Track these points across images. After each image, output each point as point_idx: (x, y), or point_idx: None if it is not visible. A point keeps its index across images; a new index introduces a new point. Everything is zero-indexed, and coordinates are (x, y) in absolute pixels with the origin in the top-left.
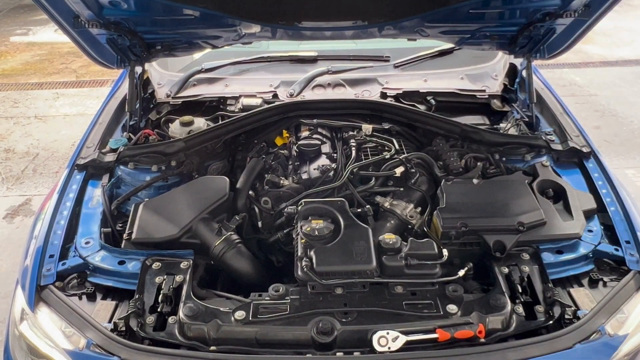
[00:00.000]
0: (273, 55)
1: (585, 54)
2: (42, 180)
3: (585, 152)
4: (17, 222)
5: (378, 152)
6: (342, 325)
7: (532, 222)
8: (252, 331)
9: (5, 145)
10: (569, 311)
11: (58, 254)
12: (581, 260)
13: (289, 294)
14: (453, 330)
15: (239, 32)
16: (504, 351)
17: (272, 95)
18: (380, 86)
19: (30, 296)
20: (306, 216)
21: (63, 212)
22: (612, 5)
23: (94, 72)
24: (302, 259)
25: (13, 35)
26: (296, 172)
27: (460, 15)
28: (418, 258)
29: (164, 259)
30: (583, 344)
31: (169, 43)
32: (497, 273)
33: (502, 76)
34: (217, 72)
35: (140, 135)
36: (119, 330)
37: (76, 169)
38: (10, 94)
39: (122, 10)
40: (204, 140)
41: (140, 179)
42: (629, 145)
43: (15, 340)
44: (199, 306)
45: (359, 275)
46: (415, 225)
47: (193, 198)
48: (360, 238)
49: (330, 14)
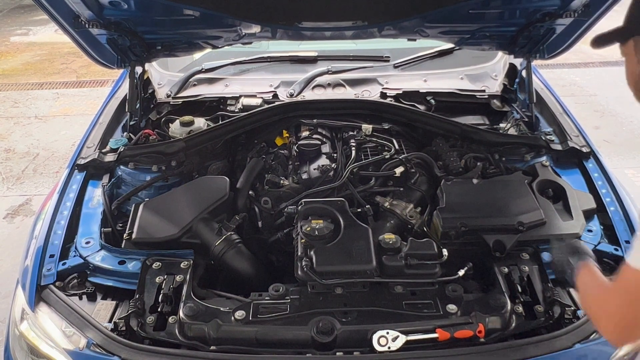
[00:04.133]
0: (273, 55)
1: (585, 54)
2: (42, 180)
3: (584, 152)
4: (18, 222)
5: (378, 152)
6: (342, 325)
7: (532, 222)
8: (252, 331)
9: (6, 145)
10: (568, 311)
11: (58, 253)
12: None
13: (289, 293)
14: (453, 330)
15: (239, 32)
16: (503, 351)
17: (272, 95)
18: (380, 86)
19: (30, 296)
20: (306, 216)
21: (63, 212)
22: (611, 5)
23: (94, 72)
24: (302, 259)
25: (13, 36)
26: (296, 172)
27: (460, 16)
28: (418, 258)
29: (164, 259)
30: (583, 344)
31: (169, 43)
32: (497, 273)
33: (502, 76)
34: (217, 72)
35: (140, 135)
36: (119, 330)
37: (76, 169)
38: (11, 94)
39: (123, 11)
40: (204, 140)
41: (140, 179)
42: (629, 145)
43: (16, 340)
44: (199, 306)
45: (359, 275)
46: (415, 225)
47: (193, 198)
48: (360, 238)
49: (330, 14)
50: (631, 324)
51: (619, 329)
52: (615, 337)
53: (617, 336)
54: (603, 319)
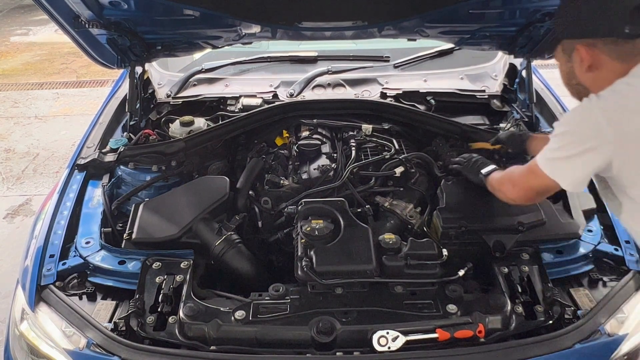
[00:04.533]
0: (273, 55)
1: None
2: (42, 180)
3: None
4: (18, 222)
5: (378, 152)
6: (342, 325)
7: (532, 222)
8: (252, 331)
9: (6, 145)
10: (568, 311)
11: (58, 253)
12: (581, 260)
13: (289, 293)
14: (453, 330)
15: (239, 32)
16: (503, 351)
17: (272, 95)
18: (380, 86)
19: (30, 296)
20: (306, 216)
21: (63, 212)
22: None
23: (94, 72)
24: (302, 259)
25: (13, 36)
26: (296, 172)
27: (460, 16)
28: (418, 258)
29: (164, 259)
30: (583, 343)
31: (169, 43)
32: (497, 273)
33: (502, 76)
34: (217, 72)
35: (140, 135)
36: (119, 330)
37: (76, 169)
38: (11, 94)
39: (123, 11)
40: (204, 140)
41: (140, 179)
42: None
43: (16, 340)
44: (199, 306)
45: (359, 275)
46: (415, 225)
47: (193, 198)
48: (360, 238)
49: (330, 14)
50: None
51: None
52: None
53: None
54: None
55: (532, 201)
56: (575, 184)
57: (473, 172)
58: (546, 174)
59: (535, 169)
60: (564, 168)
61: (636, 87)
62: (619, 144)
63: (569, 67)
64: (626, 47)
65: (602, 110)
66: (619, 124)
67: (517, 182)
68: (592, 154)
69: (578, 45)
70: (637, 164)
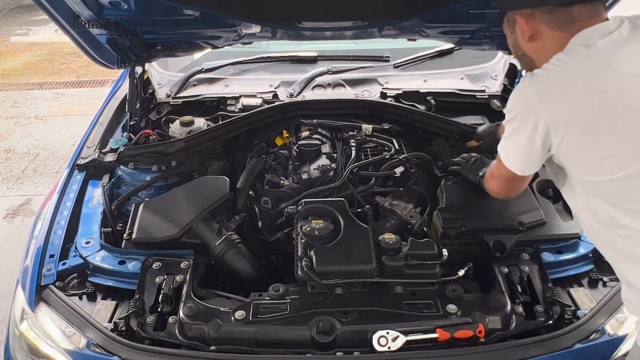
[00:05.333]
0: (273, 55)
1: None
2: (42, 180)
3: None
4: (18, 222)
5: (378, 152)
6: (342, 325)
7: (532, 222)
8: (252, 331)
9: (6, 145)
10: (568, 311)
11: (58, 253)
12: (581, 260)
13: (289, 293)
14: (453, 330)
15: (239, 32)
16: (503, 351)
17: (272, 95)
18: (380, 86)
19: (30, 296)
20: (306, 216)
21: (63, 212)
22: (611, 6)
23: (94, 72)
24: (302, 259)
25: (13, 36)
26: (296, 172)
27: (460, 15)
28: (418, 258)
29: (164, 259)
30: (583, 343)
31: (169, 43)
32: (497, 273)
33: (502, 76)
34: (217, 72)
35: (140, 135)
36: (119, 330)
37: (76, 169)
38: (11, 94)
39: (122, 11)
40: (204, 140)
41: (140, 179)
42: None
43: (16, 340)
44: (199, 306)
45: (359, 275)
46: (415, 225)
47: (193, 198)
48: (360, 238)
49: (330, 14)
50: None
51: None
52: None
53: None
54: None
55: (514, 192)
56: (524, 168)
57: (471, 172)
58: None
59: (499, 159)
60: (513, 154)
61: (566, 64)
62: (552, 123)
63: (513, 39)
64: (562, 15)
65: (534, 89)
66: (549, 104)
67: (495, 175)
68: (533, 134)
69: (517, 16)
70: (570, 143)
